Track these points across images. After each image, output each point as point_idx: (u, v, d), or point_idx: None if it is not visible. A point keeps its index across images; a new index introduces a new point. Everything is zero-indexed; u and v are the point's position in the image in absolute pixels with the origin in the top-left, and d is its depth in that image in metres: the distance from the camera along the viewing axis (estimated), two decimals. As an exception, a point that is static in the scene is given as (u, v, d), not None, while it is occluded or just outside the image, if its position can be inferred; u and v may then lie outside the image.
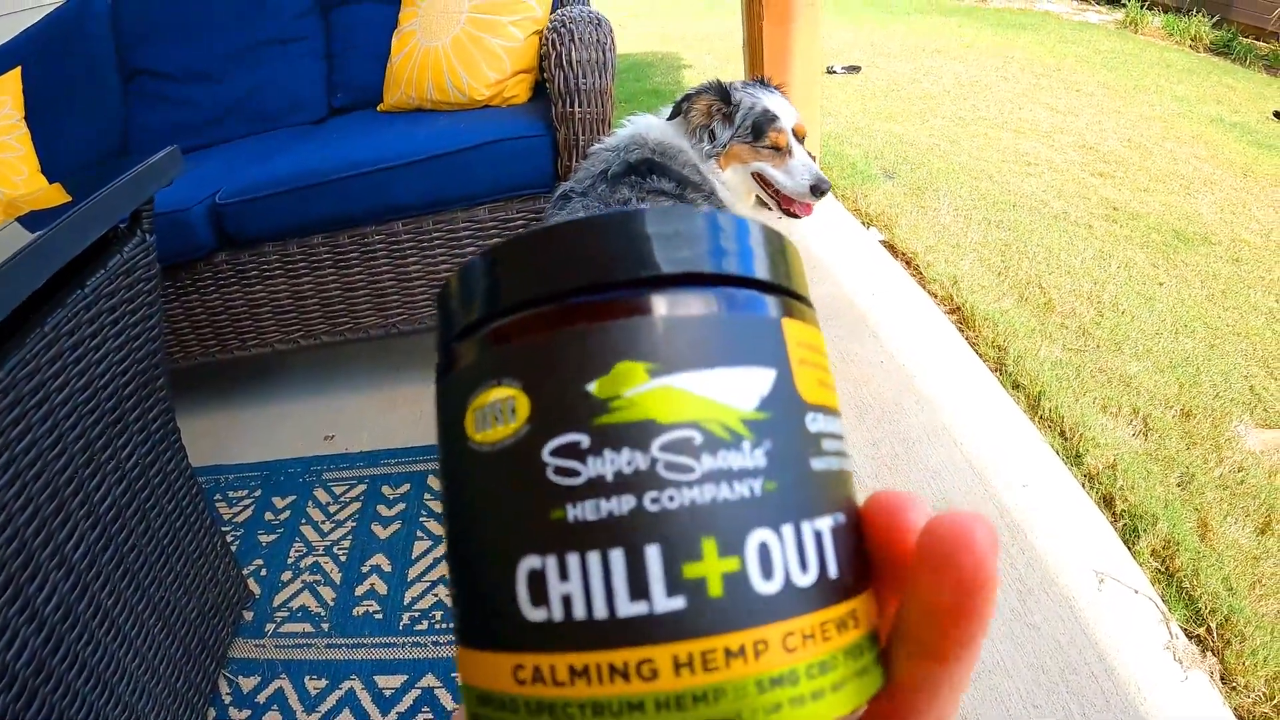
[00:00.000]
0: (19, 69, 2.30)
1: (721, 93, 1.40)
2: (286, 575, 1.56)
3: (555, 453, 0.15)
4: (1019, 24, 5.90)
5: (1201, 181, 3.18)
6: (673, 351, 0.15)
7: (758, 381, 0.15)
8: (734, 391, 0.15)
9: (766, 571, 0.14)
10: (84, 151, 2.28)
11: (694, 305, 0.16)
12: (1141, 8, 5.89)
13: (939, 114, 3.96)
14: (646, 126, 1.42)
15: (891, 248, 2.49)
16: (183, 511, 1.26)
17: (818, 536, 0.15)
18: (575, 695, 0.14)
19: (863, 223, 2.66)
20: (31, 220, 1.13)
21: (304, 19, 2.27)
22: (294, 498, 1.75)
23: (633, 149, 1.33)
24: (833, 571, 0.15)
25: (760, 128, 1.40)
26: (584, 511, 0.14)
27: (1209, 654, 1.24)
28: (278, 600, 1.51)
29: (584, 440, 0.14)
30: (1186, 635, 1.26)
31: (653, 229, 0.16)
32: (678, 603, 0.14)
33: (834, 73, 4.75)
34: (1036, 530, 1.41)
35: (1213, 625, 1.28)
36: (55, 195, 1.41)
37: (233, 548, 1.63)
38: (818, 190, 1.43)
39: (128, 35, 2.33)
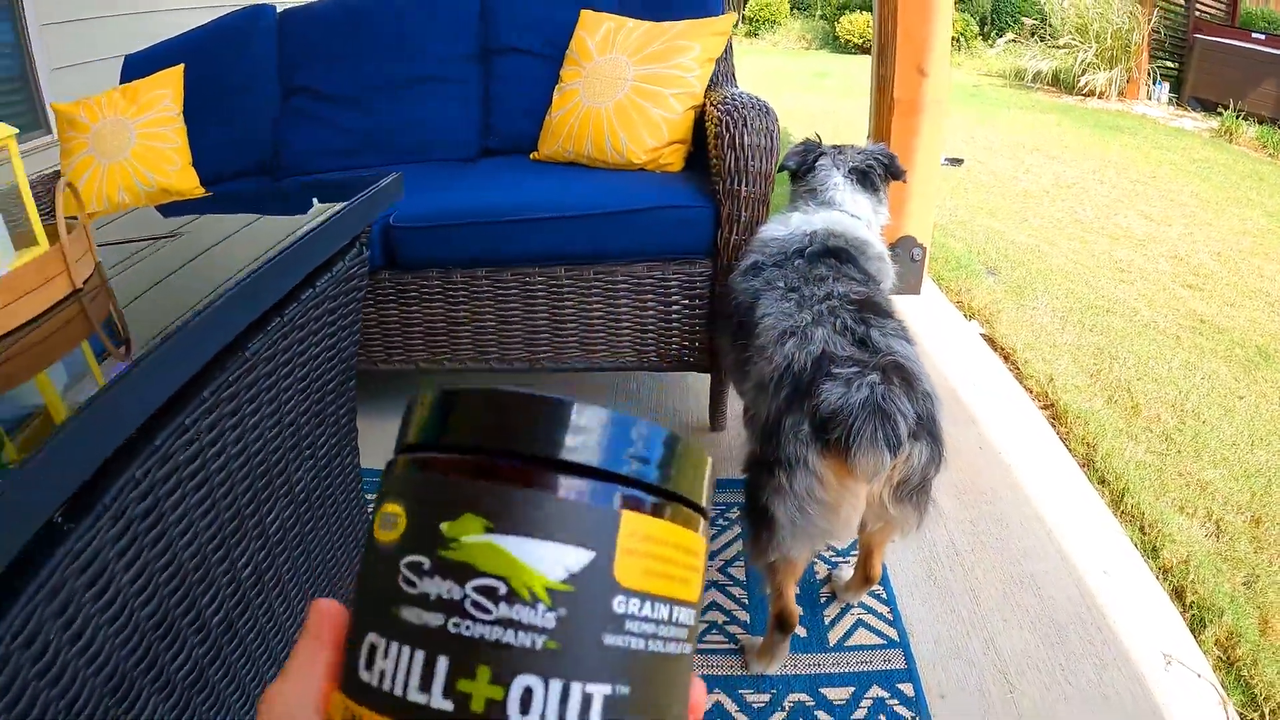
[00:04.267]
0: (182, 67, 2.43)
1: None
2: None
3: (407, 566, 0.19)
4: (1115, 125, 6.00)
5: (1289, 302, 3.22)
6: (508, 516, 0.19)
7: (571, 559, 0.19)
8: (546, 562, 0.18)
9: (525, 708, 0.18)
10: (233, 156, 2.42)
11: (540, 483, 0.19)
12: (1237, 117, 5.94)
13: (1038, 214, 4.09)
14: (840, 222, 1.53)
15: (991, 341, 2.62)
16: (348, 485, 1.36)
17: (587, 698, 0.18)
18: None
19: (965, 315, 2.80)
20: (177, 207, 1.23)
21: (465, 63, 2.41)
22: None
23: (830, 237, 1.46)
24: None
25: None
26: (411, 615, 0.19)
27: (1262, 736, 1.34)
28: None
29: (426, 563, 0.19)
30: (1242, 719, 1.36)
31: (536, 413, 0.20)
32: (447, 705, 0.18)
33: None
34: (1114, 613, 1.53)
35: (1267, 711, 1.38)
36: (197, 191, 1.52)
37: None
38: None
39: (291, 53, 2.47)
